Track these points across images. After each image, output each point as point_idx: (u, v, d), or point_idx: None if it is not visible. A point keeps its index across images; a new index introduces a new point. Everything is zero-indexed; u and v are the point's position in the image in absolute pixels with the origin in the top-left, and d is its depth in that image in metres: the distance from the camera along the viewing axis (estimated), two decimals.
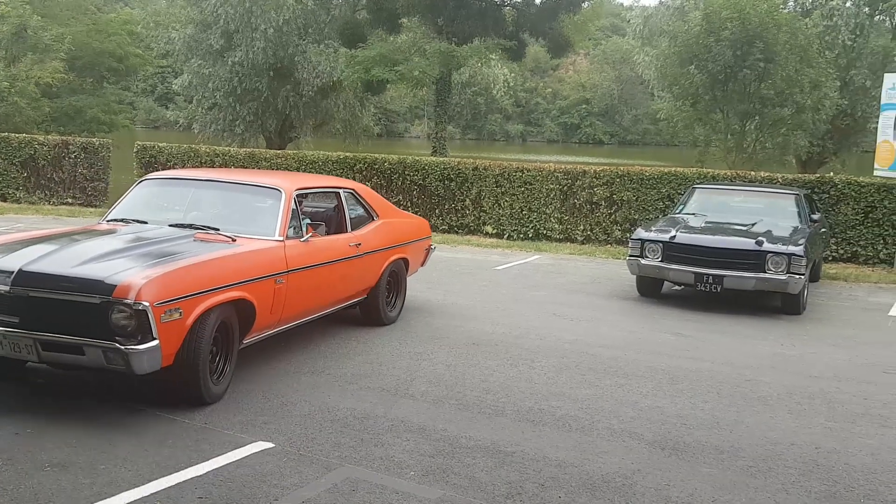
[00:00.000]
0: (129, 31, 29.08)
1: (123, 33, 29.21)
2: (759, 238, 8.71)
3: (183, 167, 16.42)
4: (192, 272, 4.94)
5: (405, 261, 7.85)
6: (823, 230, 11.08)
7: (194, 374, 4.92)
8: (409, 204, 14.90)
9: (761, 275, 8.52)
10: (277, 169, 15.84)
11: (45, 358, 4.72)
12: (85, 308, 4.51)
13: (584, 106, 72.88)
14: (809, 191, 11.97)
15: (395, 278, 7.74)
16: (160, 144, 17.14)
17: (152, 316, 4.47)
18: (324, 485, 4.04)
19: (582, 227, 14.18)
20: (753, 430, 5.07)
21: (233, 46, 22.83)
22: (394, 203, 10.94)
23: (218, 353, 5.20)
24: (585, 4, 22.79)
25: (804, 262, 8.48)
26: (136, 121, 42.14)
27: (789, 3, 23.34)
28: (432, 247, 8.71)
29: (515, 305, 8.72)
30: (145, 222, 6.09)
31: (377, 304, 7.37)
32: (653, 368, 6.40)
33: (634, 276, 9.49)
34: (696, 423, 5.16)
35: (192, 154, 16.65)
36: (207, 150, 16.82)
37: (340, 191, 7.23)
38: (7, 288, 4.61)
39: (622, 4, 64.59)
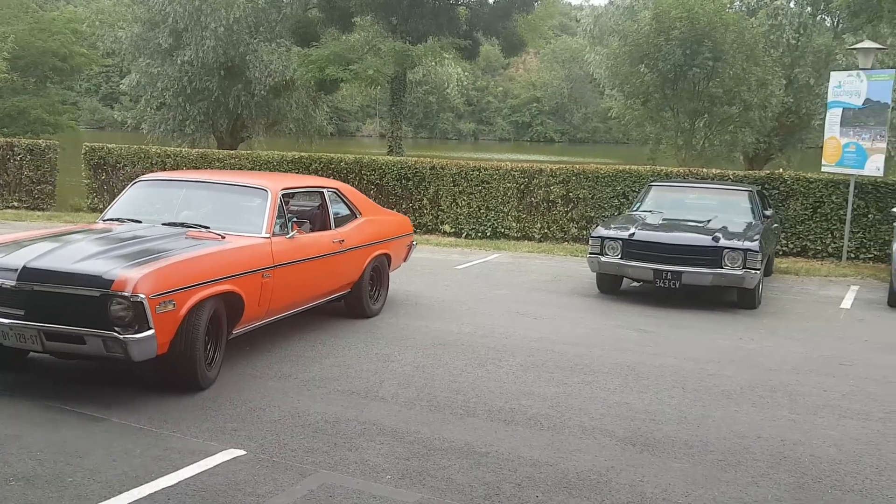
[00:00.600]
0: (74, 30, 28.34)
1: (68, 32, 28.46)
2: (716, 234, 8.87)
3: (133, 169, 16.10)
4: (184, 267, 5.29)
5: (388, 256, 8.25)
6: (775, 226, 11.36)
7: (188, 362, 5.28)
8: None
9: (718, 270, 8.68)
10: (232, 168, 15.68)
11: (49, 348, 5.08)
12: (85, 301, 4.85)
13: (534, 104, 73.40)
14: (760, 187, 12.24)
15: (378, 273, 8.13)
16: (109, 145, 16.74)
17: (148, 307, 4.83)
18: (300, 491, 3.99)
19: (539, 225, 14.28)
20: (720, 423, 5.16)
21: (182, 45, 22.40)
22: None
23: (209, 342, 5.53)
24: (538, 4, 22.88)
25: (759, 257, 8.67)
26: (80, 121, 41.06)
27: (735, 3, 23.81)
28: (414, 243, 9.14)
29: (479, 305, 8.74)
30: (139, 221, 6.46)
31: (361, 298, 7.75)
32: (618, 365, 6.48)
33: (594, 274, 9.59)
34: (664, 418, 5.23)
35: (143, 155, 16.30)
36: (158, 151, 16.49)
37: (324, 190, 7.62)
38: (13, 283, 4.97)
39: (571, 4, 65.30)
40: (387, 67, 19.61)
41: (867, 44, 12.52)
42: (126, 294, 4.78)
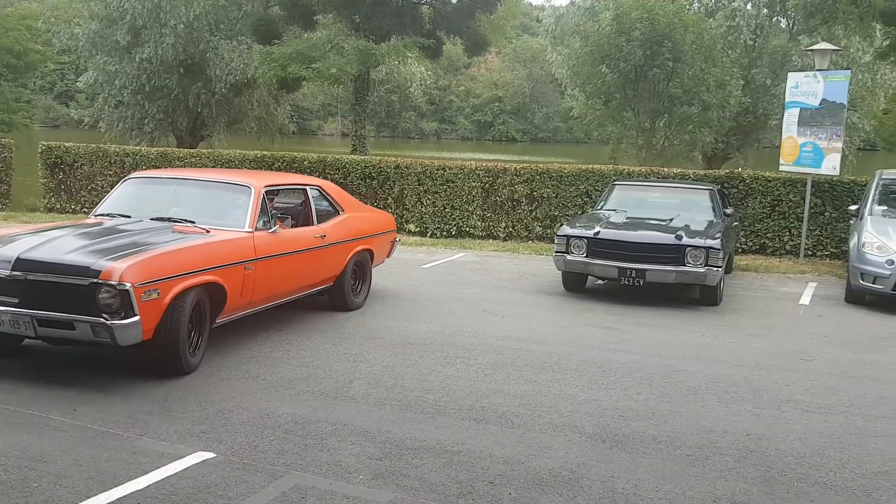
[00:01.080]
0: (28, 27, 27.72)
1: (22, 28, 27.82)
2: (679, 233, 9.00)
3: (91, 168, 15.84)
4: (169, 258, 5.63)
5: (370, 252, 8.56)
6: (735, 224, 11.55)
7: (172, 347, 5.61)
8: None
9: (681, 268, 8.81)
10: (192, 167, 15.53)
11: (41, 333, 5.41)
12: (75, 289, 5.20)
13: (496, 104, 73.72)
14: (720, 186, 12.44)
15: (361, 268, 8.43)
16: (66, 144, 16.40)
17: (133, 295, 5.17)
18: (272, 493, 3.96)
19: (504, 224, 14.34)
20: (687, 419, 5.24)
21: (140, 42, 22.03)
22: None
23: (193, 330, 5.86)
24: (500, 4, 22.94)
25: (721, 255, 8.82)
26: (34, 119, 40.14)
27: (695, 4, 24.14)
28: (397, 240, 9.46)
29: (446, 304, 8.75)
30: (129, 217, 6.78)
31: (343, 291, 8.06)
32: (586, 362, 6.53)
33: (560, 272, 9.67)
34: (633, 414, 5.30)
35: (101, 154, 16.01)
36: (117, 150, 16.19)
37: (307, 187, 7.97)
38: (7, 273, 5.31)
39: (532, 4, 65.67)
40: (350, 66, 19.51)
41: (823, 45, 12.79)
42: (113, 283, 5.12)
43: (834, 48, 12.95)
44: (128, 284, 5.13)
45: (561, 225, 9.94)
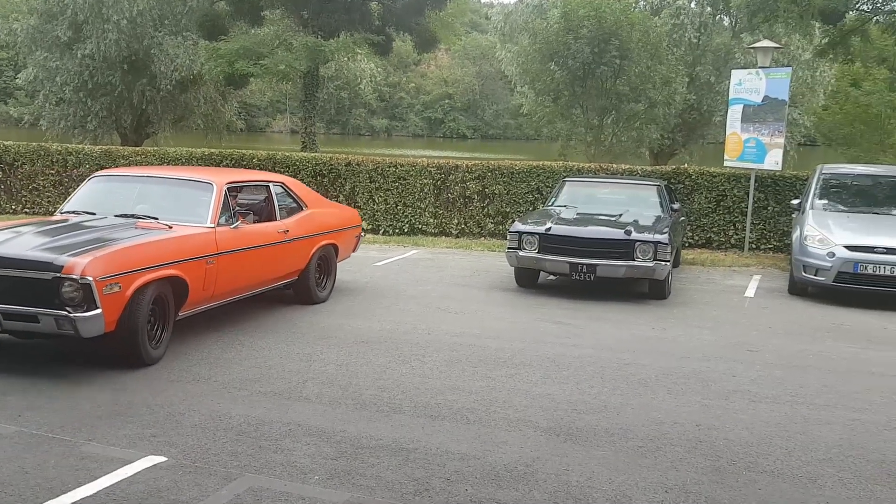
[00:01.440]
0: None
1: None
2: (628, 228, 9.13)
3: (32, 167, 15.42)
4: (130, 253, 5.80)
5: (335, 247, 8.78)
6: (682, 218, 11.78)
7: (134, 339, 5.77)
8: None
9: (630, 263, 8.94)
10: (138, 166, 15.26)
11: (7, 326, 5.60)
12: (39, 283, 5.38)
13: (446, 101, 73.70)
14: (667, 181, 12.65)
15: (325, 262, 8.64)
16: (5, 143, 15.93)
17: (95, 289, 5.34)
18: (225, 496, 3.91)
19: (456, 221, 14.38)
20: (638, 411, 5.32)
21: (82, 38, 21.45)
22: None
23: (156, 323, 6.06)
24: (450, 1, 22.95)
25: (669, 249, 8.97)
26: None
27: (640, 3, 24.50)
28: (362, 234, 9.71)
29: (399, 301, 8.73)
30: (94, 213, 6.93)
31: (307, 285, 8.28)
32: (539, 357, 6.59)
33: (512, 268, 9.73)
34: (586, 407, 5.36)
35: (43, 153, 15.57)
36: (59, 149, 15.76)
37: (270, 184, 8.12)
38: None
39: (481, 1, 65.85)
40: (299, 62, 19.30)
41: (765, 43, 13.09)
42: (75, 277, 5.30)
43: (775, 46, 13.27)
44: (90, 278, 5.31)
45: (513, 221, 10.00)
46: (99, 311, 5.40)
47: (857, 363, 6.76)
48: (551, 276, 10.08)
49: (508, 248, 9.45)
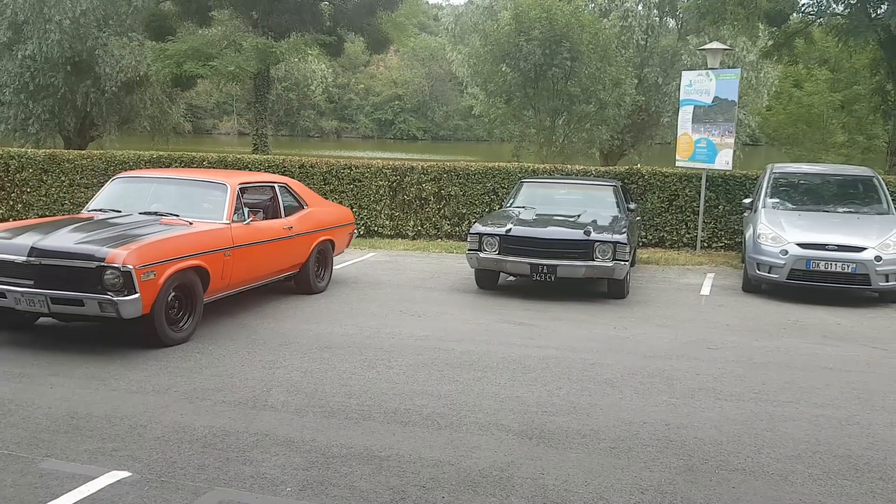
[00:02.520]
0: None
1: None
2: (587, 228, 9.18)
3: None
4: (162, 245, 6.55)
5: (332, 242, 9.59)
6: (638, 218, 11.90)
7: (161, 321, 6.50)
8: None
9: (590, 263, 8.99)
10: (83, 170, 14.95)
11: (55, 310, 6.33)
12: (84, 272, 6.13)
13: (396, 102, 73.47)
14: (621, 181, 12.78)
15: (323, 256, 9.46)
16: None
17: (135, 276, 6.08)
18: None
19: (412, 223, 14.31)
20: (607, 412, 5.33)
21: (23, 39, 20.73)
22: None
23: (183, 308, 6.83)
24: (402, 2, 22.82)
25: (628, 249, 9.05)
26: None
27: (590, 5, 24.73)
28: (354, 232, 10.48)
29: (361, 305, 8.64)
30: (119, 211, 7.70)
31: (307, 277, 9.07)
32: (505, 359, 6.57)
33: (472, 270, 9.71)
34: (555, 409, 5.35)
35: None
36: (1, 153, 15.25)
37: (275, 185, 8.94)
38: (24, 259, 6.24)
39: (429, 3, 65.74)
40: (249, 63, 18.98)
41: (715, 45, 13.32)
42: (117, 266, 6.05)
43: (725, 48, 13.51)
44: (130, 267, 6.05)
45: (473, 223, 9.98)
46: (137, 295, 6.11)
47: (815, 359, 6.89)
48: (511, 278, 10.09)
49: (469, 250, 9.42)
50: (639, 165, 14.41)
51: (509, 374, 6.16)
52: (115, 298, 6.03)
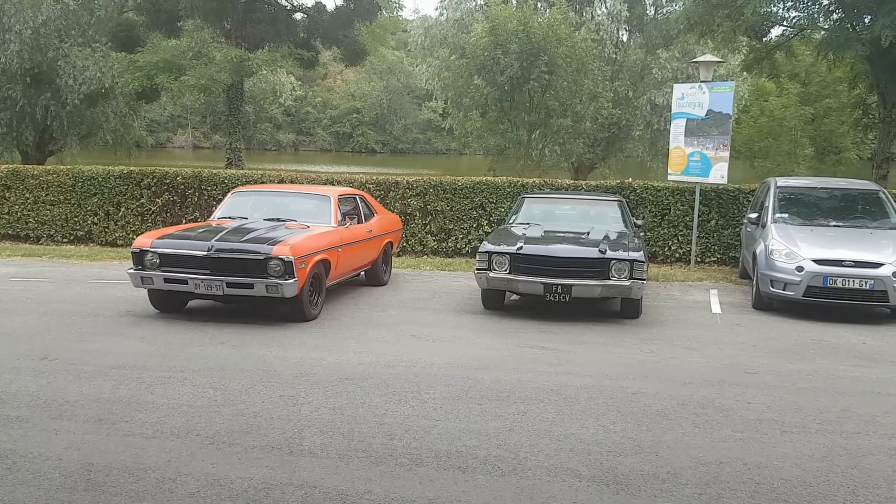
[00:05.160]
0: None
1: None
2: (602, 246, 8.82)
3: None
4: (307, 242, 8.40)
5: (391, 243, 11.37)
6: (643, 234, 11.61)
7: (306, 300, 8.29)
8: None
9: (606, 282, 8.63)
10: (48, 186, 14.29)
11: (228, 292, 8.01)
12: (253, 263, 7.96)
13: (354, 115, 72.77)
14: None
15: (386, 254, 11.15)
16: None
17: (294, 265, 7.88)
18: None
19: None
20: (675, 450, 4.93)
21: None
22: (192, 219, 14.16)
23: (315, 292, 8.57)
24: (381, 13, 22.35)
25: (645, 267, 8.72)
26: None
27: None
28: (402, 236, 12.43)
29: (368, 330, 8.14)
30: (246, 218, 9.44)
31: (377, 271, 10.79)
32: (542, 389, 6.13)
33: (473, 288, 9.30)
34: (618, 448, 4.93)
35: None
36: None
37: (357, 196, 10.68)
38: (205, 253, 8.01)
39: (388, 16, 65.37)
40: (222, 75, 18.32)
41: (708, 57, 13.15)
42: (282, 257, 7.86)
43: (718, 60, 13.39)
44: (291, 258, 7.85)
45: (483, 242, 9.56)
46: (295, 279, 7.87)
47: (860, 383, 6.60)
48: (514, 297, 9.69)
49: (478, 269, 8.98)
50: (630, 179, 14.16)
51: (553, 406, 5.73)
52: (279, 282, 7.76)
